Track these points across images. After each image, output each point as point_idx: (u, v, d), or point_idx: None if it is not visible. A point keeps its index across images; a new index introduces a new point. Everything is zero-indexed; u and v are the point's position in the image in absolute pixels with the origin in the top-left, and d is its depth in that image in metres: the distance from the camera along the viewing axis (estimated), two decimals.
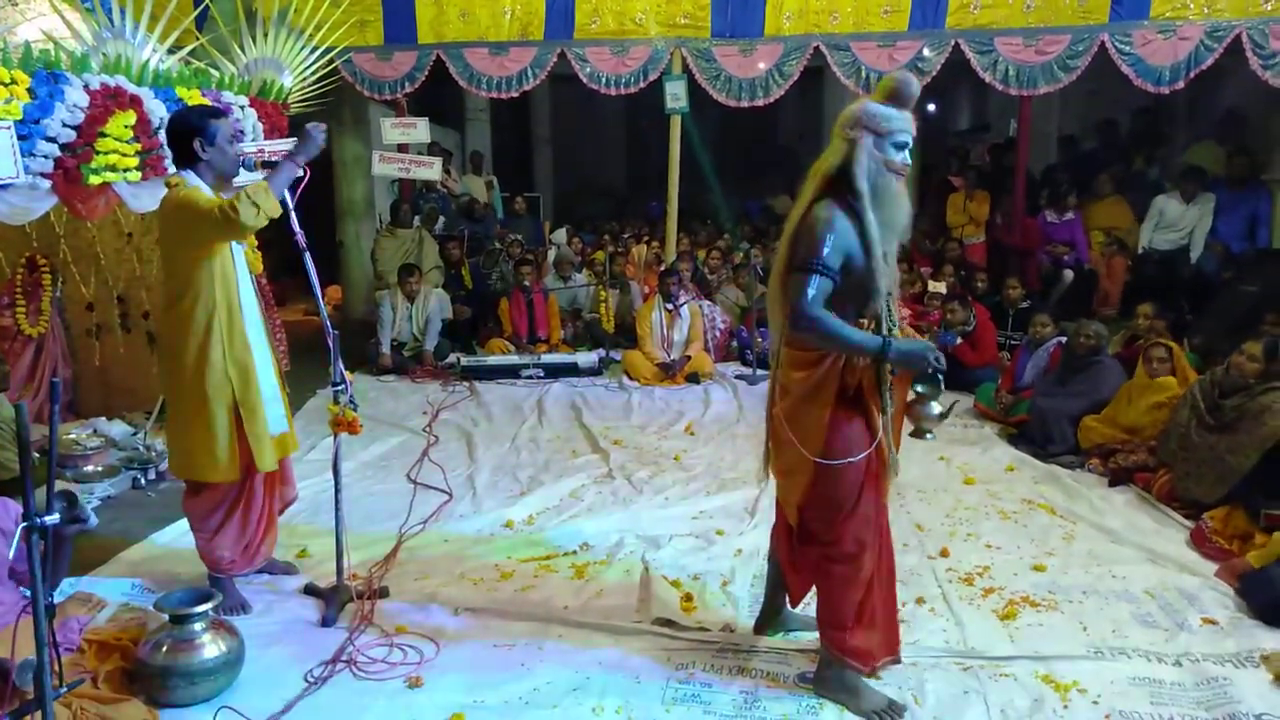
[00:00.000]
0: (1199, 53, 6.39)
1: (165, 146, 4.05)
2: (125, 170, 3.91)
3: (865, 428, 2.54)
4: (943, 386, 2.65)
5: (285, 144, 4.87)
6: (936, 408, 2.68)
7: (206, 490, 3.18)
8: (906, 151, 2.48)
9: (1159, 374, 4.73)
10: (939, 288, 6.98)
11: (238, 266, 3.06)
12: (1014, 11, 6.68)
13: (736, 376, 6.80)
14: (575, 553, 3.76)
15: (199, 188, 2.99)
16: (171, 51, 4.46)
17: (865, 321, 2.52)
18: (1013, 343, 6.44)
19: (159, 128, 4.05)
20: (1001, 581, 3.47)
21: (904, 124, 2.45)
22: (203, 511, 3.20)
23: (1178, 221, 7.37)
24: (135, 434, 4.88)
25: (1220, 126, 8.27)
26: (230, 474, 3.09)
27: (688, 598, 3.33)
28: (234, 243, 3.04)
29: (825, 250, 2.38)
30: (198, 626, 2.72)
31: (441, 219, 8.97)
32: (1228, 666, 2.86)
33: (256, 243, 3.32)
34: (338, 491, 3.24)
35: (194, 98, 4.27)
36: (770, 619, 3.08)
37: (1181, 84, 6.50)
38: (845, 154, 2.44)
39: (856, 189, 2.41)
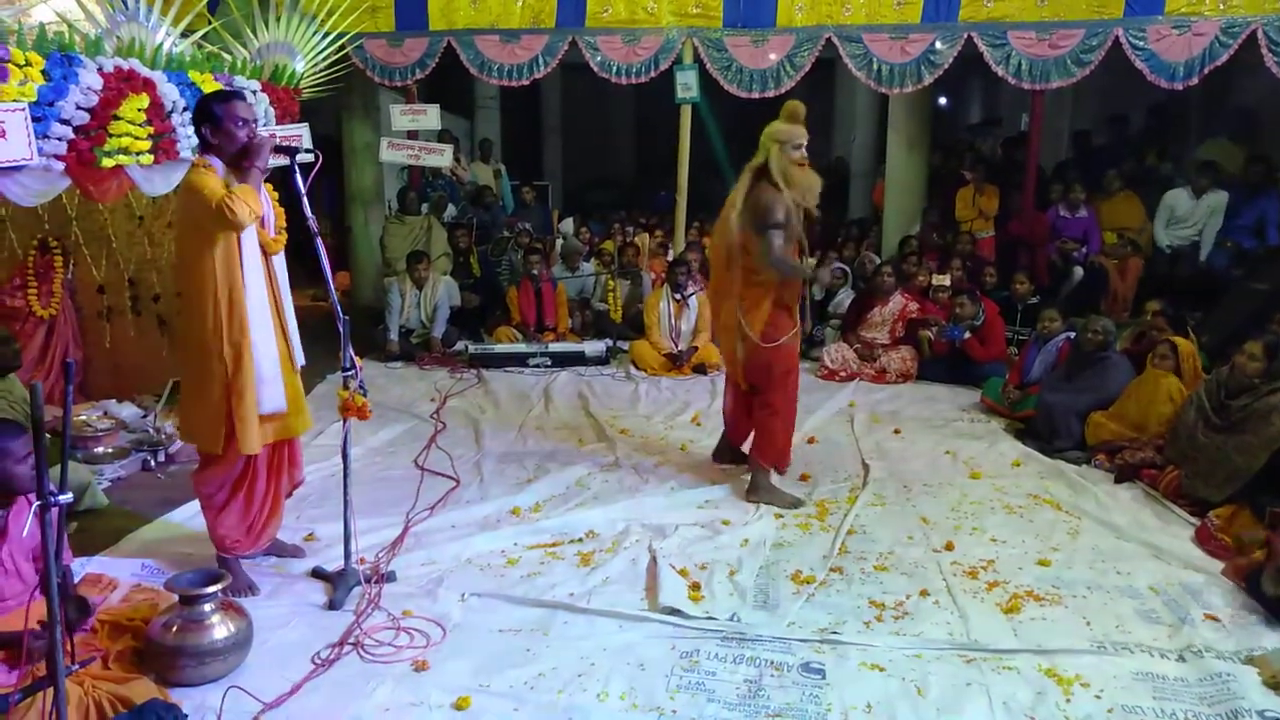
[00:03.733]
0: (1213, 48, 6.35)
1: (178, 130, 4.09)
2: (138, 153, 3.92)
3: (789, 324, 4.15)
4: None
5: (297, 129, 4.90)
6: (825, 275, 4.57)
7: (212, 465, 3.23)
8: (803, 149, 4.05)
9: (1161, 368, 4.73)
10: (943, 280, 6.97)
11: (243, 250, 3.07)
12: (1028, 5, 6.64)
13: None
14: (581, 540, 3.78)
15: (211, 173, 3.01)
16: (184, 35, 4.46)
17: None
18: (1021, 338, 6.43)
19: (172, 111, 4.06)
20: (1006, 575, 3.48)
21: (798, 135, 4.02)
22: (208, 486, 3.26)
23: (1189, 217, 7.33)
24: (145, 416, 4.90)
25: (1234, 123, 8.21)
26: (214, 446, 3.15)
27: (695, 587, 3.35)
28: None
29: (779, 214, 3.96)
30: (207, 607, 2.74)
31: (450, 207, 8.97)
32: (1231, 663, 2.87)
33: (284, 224, 3.33)
34: (346, 476, 3.25)
35: (206, 82, 4.27)
36: (724, 452, 4.66)
37: (1195, 80, 6.46)
38: (766, 157, 4.03)
39: (774, 178, 3.98)
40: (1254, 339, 4.24)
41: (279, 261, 3.26)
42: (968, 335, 6.32)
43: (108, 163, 3.78)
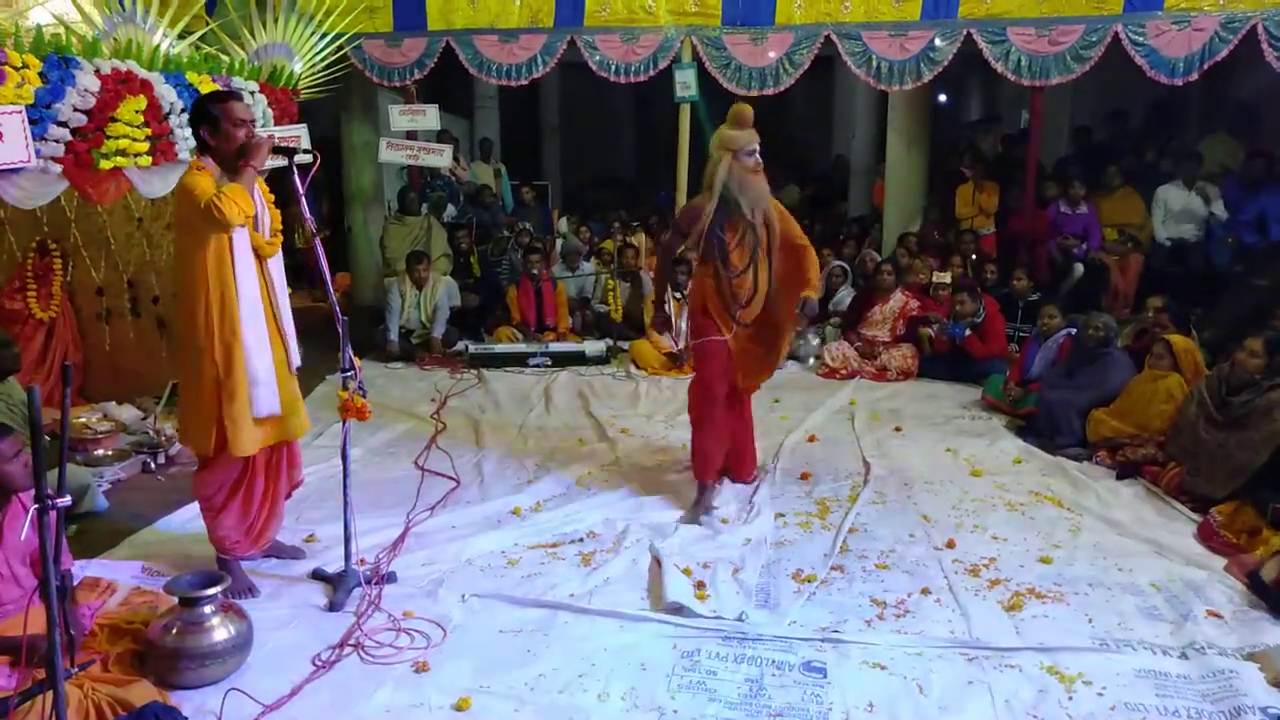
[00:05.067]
0: (1213, 44, 6.34)
1: (176, 132, 4.09)
2: (136, 155, 3.92)
3: (715, 331, 4.00)
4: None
5: (295, 130, 4.90)
6: (814, 340, 4.08)
7: (210, 467, 3.23)
8: (756, 155, 3.84)
9: (1158, 368, 4.73)
10: (944, 278, 6.96)
11: (235, 252, 3.05)
12: (1027, 1, 6.63)
13: None
14: (582, 540, 3.78)
15: (205, 174, 3.00)
16: (182, 37, 4.46)
17: (707, 267, 3.97)
18: (1021, 335, 6.42)
19: (169, 113, 4.06)
20: (1007, 573, 3.48)
21: (751, 141, 3.83)
22: (207, 488, 3.26)
23: (1184, 209, 7.31)
24: (145, 418, 4.90)
25: (1234, 118, 8.20)
26: (206, 448, 3.16)
27: (700, 585, 3.34)
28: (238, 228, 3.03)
29: (679, 216, 4.23)
30: (207, 609, 2.74)
31: (450, 207, 8.97)
32: (1233, 659, 2.86)
33: (280, 226, 3.32)
34: (346, 477, 3.25)
35: (204, 83, 4.27)
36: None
37: (1195, 75, 6.45)
38: (715, 165, 3.87)
39: (713, 184, 3.86)
40: (1255, 335, 4.23)
41: (275, 264, 3.24)
42: (968, 332, 6.32)
43: (105, 165, 3.78)
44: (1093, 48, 6.56)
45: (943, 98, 12.01)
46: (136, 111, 3.87)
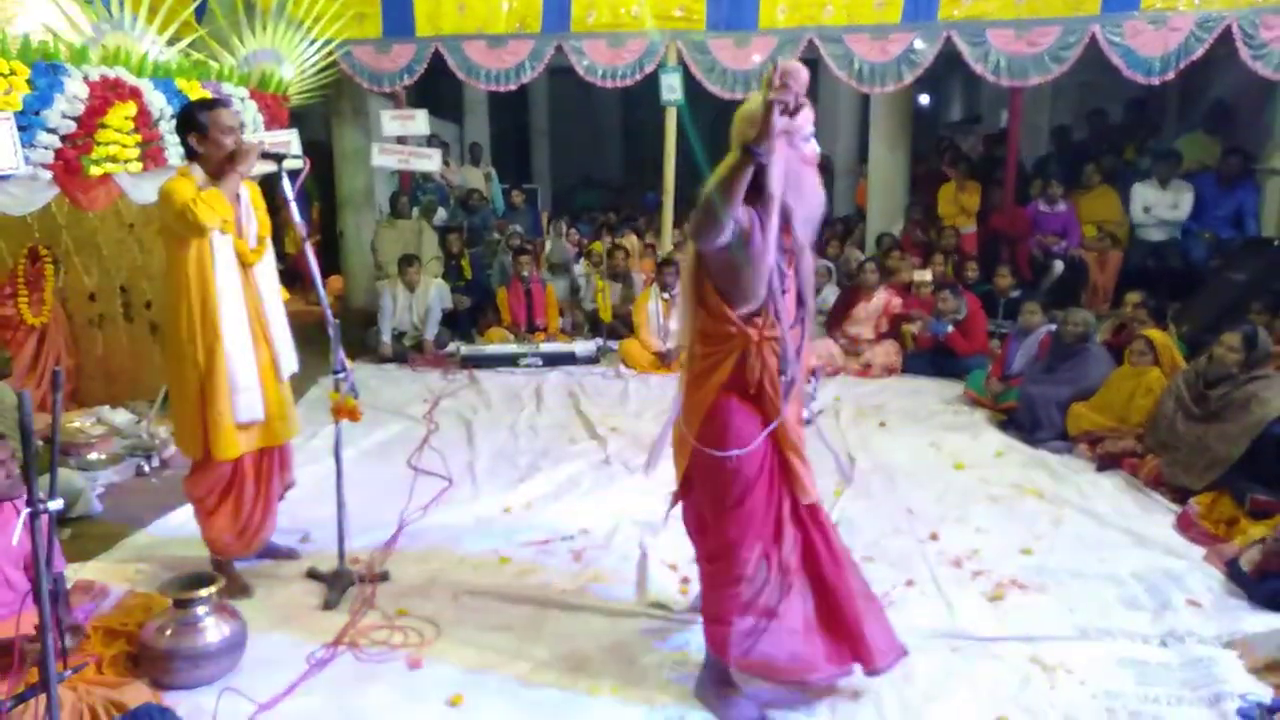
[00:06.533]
0: (1189, 43, 6.42)
1: (166, 138, 4.11)
2: (126, 161, 3.94)
3: (751, 422, 2.47)
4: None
5: (285, 135, 4.93)
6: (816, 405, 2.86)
7: (200, 470, 3.26)
8: (814, 140, 2.43)
9: (1140, 364, 4.80)
10: (925, 275, 7.04)
11: (216, 259, 3.06)
12: (1005, 3, 6.70)
13: None
14: (573, 537, 3.82)
15: (188, 179, 3.01)
16: (171, 43, 4.49)
17: (742, 317, 2.45)
18: (1003, 331, 6.49)
19: (159, 119, 4.08)
20: (990, 564, 3.53)
21: (809, 120, 2.37)
22: (198, 491, 3.29)
23: (1157, 205, 7.41)
24: (139, 422, 4.91)
25: (1210, 116, 8.31)
26: (194, 451, 3.20)
27: (684, 581, 3.39)
28: (217, 233, 3.04)
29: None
30: (200, 610, 2.77)
31: (441, 210, 9.01)
32: (1213, 647, 2.91)
33: (267, 233, 3.33)
34: (339, 477, 3.29)
35: (193, 89, 4.30)
36: None
37: (1172, 74, 6.53)
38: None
39: (767, 192, 2.29)
40: (1231, 330, 4.28)
41: (262, 270, 3.23)
42: (951, 329, 6.39)
43: (95, 171, 3.81)
44: (1070, 48, 6.63)
45: (924, 99, 12.11)
46: (126, 118, 3.89)
